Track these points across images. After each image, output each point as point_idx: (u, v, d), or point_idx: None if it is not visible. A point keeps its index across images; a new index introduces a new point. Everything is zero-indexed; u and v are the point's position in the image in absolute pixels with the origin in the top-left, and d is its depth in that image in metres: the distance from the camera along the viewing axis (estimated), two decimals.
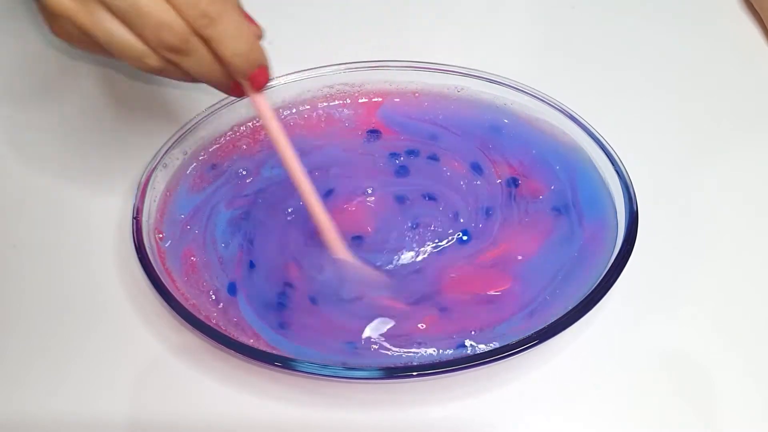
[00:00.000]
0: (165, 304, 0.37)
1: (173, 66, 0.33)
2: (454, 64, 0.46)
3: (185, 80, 0.34)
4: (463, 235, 0.41)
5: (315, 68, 0.46)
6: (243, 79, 0.34)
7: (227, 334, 0.36)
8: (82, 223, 0.43)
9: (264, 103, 0.36)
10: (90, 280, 0.41)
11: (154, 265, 0.38)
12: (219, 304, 0.39)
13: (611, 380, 0.38)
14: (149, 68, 0.33)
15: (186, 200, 0.43)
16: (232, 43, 0.32)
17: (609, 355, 0.38)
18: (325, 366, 0.35)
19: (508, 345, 0.35)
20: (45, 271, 0.42)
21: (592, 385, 0.38)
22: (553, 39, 0.54)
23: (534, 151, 0.44)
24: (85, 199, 0.45)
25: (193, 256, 0.41)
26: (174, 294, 0.37)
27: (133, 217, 0.40)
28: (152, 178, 0.41)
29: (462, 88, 0.46)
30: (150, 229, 0.40)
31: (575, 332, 0.38)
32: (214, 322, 0.37)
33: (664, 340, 0.39)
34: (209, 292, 0.39)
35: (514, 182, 0.43)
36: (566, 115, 0.44)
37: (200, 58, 0.33)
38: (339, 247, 0.39)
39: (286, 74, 0.46)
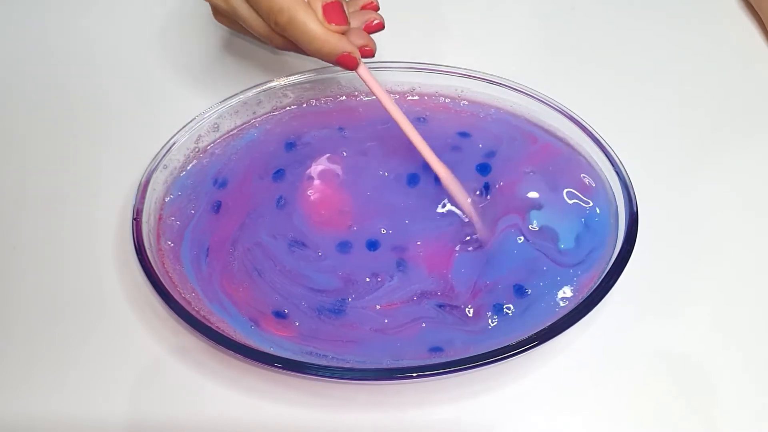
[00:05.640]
0: (165, 305, 0.37)
1: (291, 44, 0.39)
2: (454, 65, 0.46)
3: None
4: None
5: (314, 69, 0.46)
6: (332, 63, 0.39)
7: (226, 335, 0.36)
8: (82, 223, 0.43)
9: (367, 75, 0.40)
10: (90, 281, 0.41)
11: (154, 266, 0.38)
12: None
13: (611, 381, 0.38)
14: (272, 44, 0.40)
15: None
16: (304, 45, 0.38)
17: (609, 356, 0.38)
18: (324, 367, 0.35)
19: (508, 346, 0.35)
20: (45, 272, 0.42)
21: (593, 385, 0.38)
22: (554, 40, 0.54)
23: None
24: (85, 199, 0.45)
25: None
26: (174, 295, 0.37)
27: (133, 218, 0.40)
28: (152, 179, 0.41)
29: (462, 90, 0.46)
30: (150, 230, 0.40)
31: (575, 333, 0.38)
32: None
33: (663, 341, 0.39)
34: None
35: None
36: (566, 116, 0.44)
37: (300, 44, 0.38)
38: (462, 195, 0.41)
39: (286, 76, 0.46)
